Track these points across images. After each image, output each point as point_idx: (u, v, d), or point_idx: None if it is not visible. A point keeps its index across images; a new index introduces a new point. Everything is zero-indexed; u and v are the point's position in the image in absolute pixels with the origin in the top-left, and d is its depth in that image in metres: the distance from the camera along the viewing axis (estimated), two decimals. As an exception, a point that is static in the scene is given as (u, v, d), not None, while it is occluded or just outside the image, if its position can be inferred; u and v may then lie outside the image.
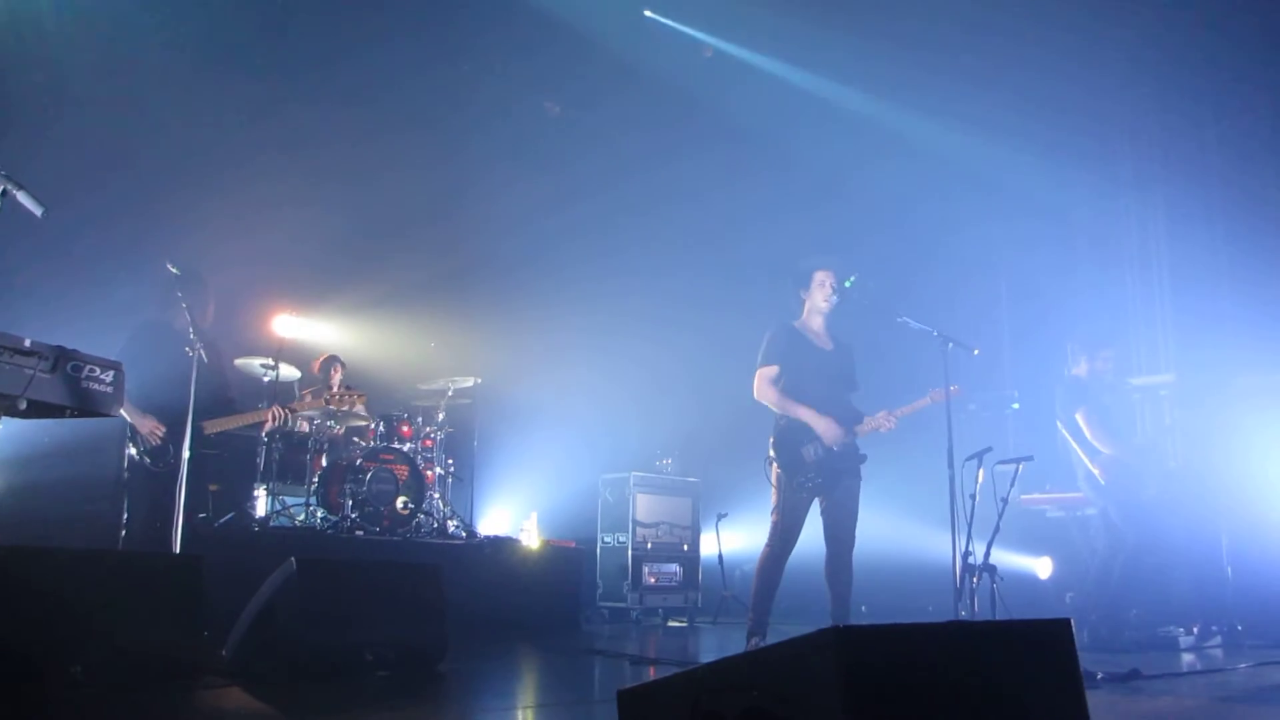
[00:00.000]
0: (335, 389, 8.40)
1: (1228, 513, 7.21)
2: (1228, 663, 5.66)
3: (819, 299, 5.57)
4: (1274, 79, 8.58)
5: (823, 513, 5.42)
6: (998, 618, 5.36)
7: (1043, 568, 7.78)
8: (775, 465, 5.38)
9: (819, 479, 5.33)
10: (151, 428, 5.66)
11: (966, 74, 8.97)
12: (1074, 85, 8.98)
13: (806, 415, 5.35)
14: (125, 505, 5.90)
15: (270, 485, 7.55)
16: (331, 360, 8.55)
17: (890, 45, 8.93)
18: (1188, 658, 6.04)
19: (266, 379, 7.74)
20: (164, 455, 5.66)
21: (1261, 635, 6.70)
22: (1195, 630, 6.58)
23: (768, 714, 2.08)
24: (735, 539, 9.16)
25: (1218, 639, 6.66)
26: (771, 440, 5.44)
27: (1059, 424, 6.92)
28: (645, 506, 8.86)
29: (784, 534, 5.32)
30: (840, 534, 5.37)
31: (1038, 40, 8.63)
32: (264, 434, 7.55)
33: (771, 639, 4.93)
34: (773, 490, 5.39)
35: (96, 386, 3.73)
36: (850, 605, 5.36)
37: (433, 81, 9.43)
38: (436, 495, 8.14)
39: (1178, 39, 8.73)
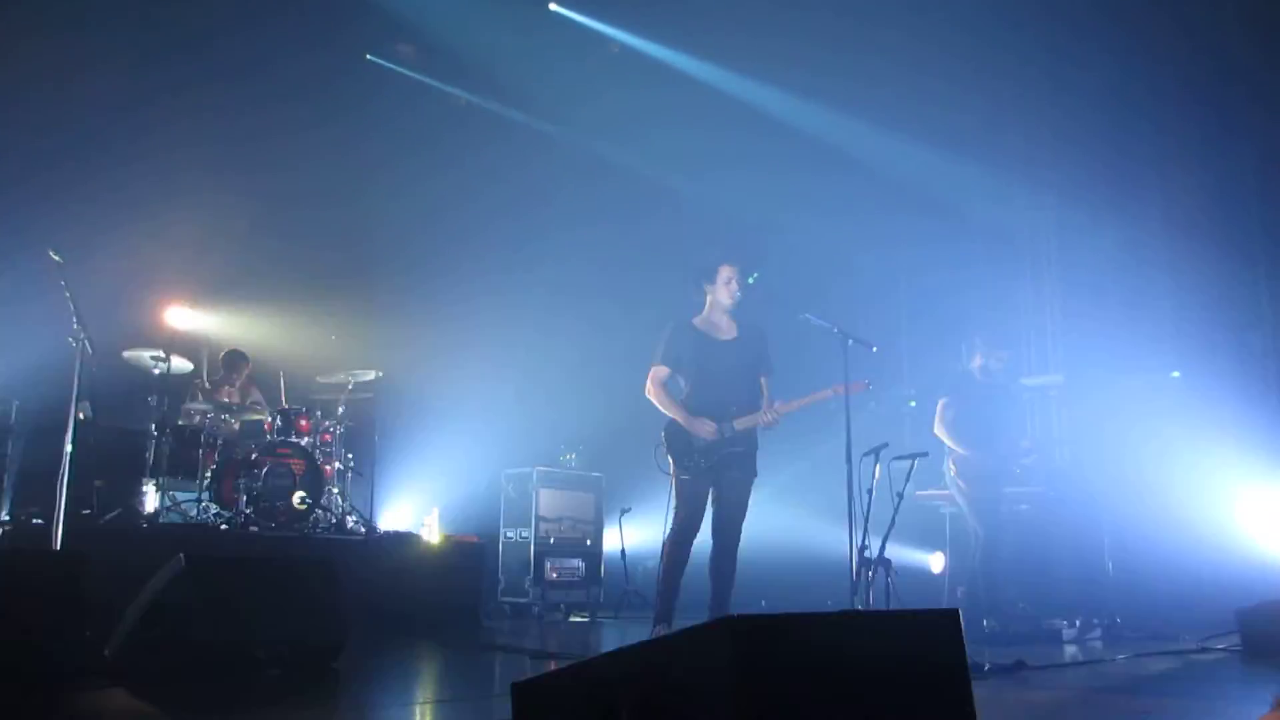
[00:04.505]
0: (239, 384, 8.28)
1: (1110, 510, 7.51)
2: (1107, 654, 5.89)
3: (723, 295, 5.60)
4: (1163, 87, 8.87)
5: (712, 503, 5.45)
6: (892, 611, 5.48)
7: (936, 562, 7.98)
8: (666, 450, 5.41)
9: (705, 463, 5.36)
10: None
11: (864, 76, 9.07)
12: (966, 95, 9.17)
13: (681, 418, 5.40)
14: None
15: (160, 481, 7.29)
16: (235, 355, 8.40)
17: (792, 43, 9.01)
18: (1071, 649, 6.26)
19: (157, 371, 7.50)
20: None
21: (1139, 627, 7.02)
22: (1078, 623, 6.82)
23: (662, 703, 2.09)
24: (638, 534, 9.17)
25: (1098, 631, 6.92)
26: (664, 426, 5.49)
27: None
28: (548, 501, 8.81)
29: (684, 519, 5.35)
30: (726, 526, 5.41)
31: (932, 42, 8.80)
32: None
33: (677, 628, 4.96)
34: (670, 478, 5.42)
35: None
36: (730, 601, 5.38)
37: (332, 71, 9.24)
38: (335, 490, 7.97)
39: (1067, 50, 9.00)
